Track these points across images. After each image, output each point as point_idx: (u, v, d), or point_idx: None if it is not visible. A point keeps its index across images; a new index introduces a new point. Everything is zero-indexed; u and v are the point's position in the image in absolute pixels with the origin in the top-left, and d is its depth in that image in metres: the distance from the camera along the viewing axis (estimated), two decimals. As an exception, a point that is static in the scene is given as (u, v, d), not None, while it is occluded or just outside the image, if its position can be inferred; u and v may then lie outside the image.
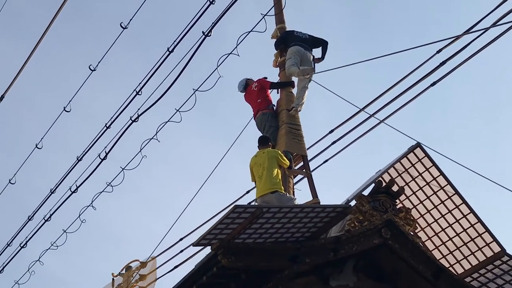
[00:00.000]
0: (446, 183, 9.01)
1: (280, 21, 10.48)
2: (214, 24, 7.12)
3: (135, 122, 8.18)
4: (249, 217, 6.46)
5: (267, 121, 9.66)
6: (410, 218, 7.87)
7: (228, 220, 6.46)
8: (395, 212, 7.69)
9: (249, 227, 6.56)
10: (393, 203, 7.79)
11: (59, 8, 7.71)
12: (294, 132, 9.49)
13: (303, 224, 6.82)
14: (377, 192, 7.76)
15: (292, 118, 9.61)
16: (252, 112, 9.96)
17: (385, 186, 7.87)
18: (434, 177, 9.03)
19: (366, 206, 7.53)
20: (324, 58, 10.13)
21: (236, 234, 6.55)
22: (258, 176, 8.33)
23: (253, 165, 8.48)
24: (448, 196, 9.08)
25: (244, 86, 10.13)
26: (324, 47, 10.15)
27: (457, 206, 9.10)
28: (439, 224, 9.31)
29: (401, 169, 8.99)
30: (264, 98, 9.92)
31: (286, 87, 10.03)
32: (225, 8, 6.85)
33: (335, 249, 6.98)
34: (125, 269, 10.43)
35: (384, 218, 7.36)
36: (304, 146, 9.51)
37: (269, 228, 6.70)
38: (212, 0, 6.93)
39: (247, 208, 6.60)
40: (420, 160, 8.96)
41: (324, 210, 6.79)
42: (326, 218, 6.87)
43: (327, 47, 10.15)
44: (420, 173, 9.05)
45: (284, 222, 6.70)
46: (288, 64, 9.82)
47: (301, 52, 9.89)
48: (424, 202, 9.24)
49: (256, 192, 8.43)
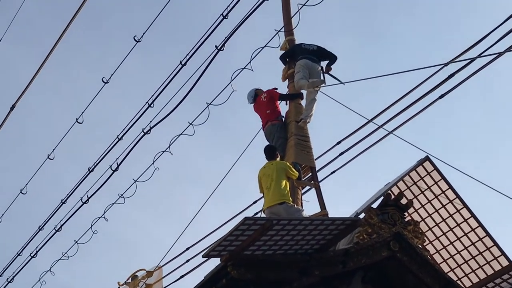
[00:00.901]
0: (454, 196, 9.04)
1: (289, 33, 10.56)
2: (227, 38, 7.20)
3: (147, 134, 8.25)
4: (258, 229, 6.50)
5: (276, 132, 9.70)
6: (418, 231, 7.88)
7: (238, 232, 6.50)
8: (403, 225, 7.70)
9: (258, 239, 6.60)
10: (402, 216, 7.80)
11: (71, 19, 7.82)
12: (302, 143, 9.52)
13: (312, 236, 6.86)
14: (386, 205, 7.78)
15: (301, 129, 9.65)
16: (261, 123, 10.02)
17: (394, 199, 7.89)
18: (443, 190, 9.06)
19: (375, 219, 7.54)
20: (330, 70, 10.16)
21: (245, 246, 6.59)
22: (266, 187, 8.36)
23: (262, 176, 8.51)
24: (457, 210, 9.11)
25: (254, 97, 10.18)
26: (332, 62, 10.19)
27: (466, 220, 9.12)
28: (447, 237, 9.33)
29: (410, 182, 9.02)
30: (273, 109, 9.96)
31: (295, 99, 10.08)
32: (238, 23, 6.95)
33: (344, 262, 7.00)
34: (131, 278, 10.46)
35: (392, 231, 7.37)
36: (312, 157, 9.54)
37: (278, 240, 6.74)
38: (225, 15, 7.00)
39: (257, 220, 6.64)
40: (429, 173, 8.99)
41: (333, 222, 6.83)
42: (335, 231, 6.90)
43: (334, 62, 10.20)
44: (429, 186, 9.08)
45: (294, 234, 6.73)
46: (297, 77, 9.86)
47: (309, 65, 9.93)
48: (432, 215, 9.26)
49: (264, 203, 8.46)
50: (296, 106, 9.99)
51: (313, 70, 9.93)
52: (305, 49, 10.10)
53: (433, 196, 9.17)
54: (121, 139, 8.61)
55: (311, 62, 9.95)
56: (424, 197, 9.19)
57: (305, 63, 9.92)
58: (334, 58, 10.17)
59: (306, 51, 10.06)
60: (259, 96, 10.12)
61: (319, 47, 10.16)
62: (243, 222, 6.43)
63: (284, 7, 10.63)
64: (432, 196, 9.16)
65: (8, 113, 9.63)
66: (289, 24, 10.27)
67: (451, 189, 9.04)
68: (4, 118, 9.95)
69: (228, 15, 7.23)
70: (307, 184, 9.37)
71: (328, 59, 10.18)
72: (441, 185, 9.07)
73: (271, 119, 9.85)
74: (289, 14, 10.49)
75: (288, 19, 10.38)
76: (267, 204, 8.24)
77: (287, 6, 10.60)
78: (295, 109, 9.94)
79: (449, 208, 9.17)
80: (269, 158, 8.72)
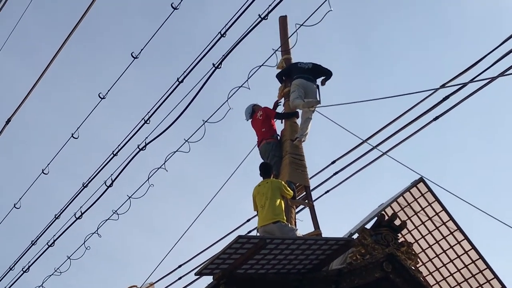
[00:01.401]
0: (448, 218, 9.06)
1: (286, 52, 10.62)
2: (225, 56, 7.23)
3: (142, 151, 8.25)
4: (252, 247, 6.49)
5: (271, 150, 9.71)
6: (411, 252, 7.89)
7: (231, 250, 6.49)
8: (397, 246, 7.71)
9: (252, 258, 6.59)
10: (395, 237, 7.81)
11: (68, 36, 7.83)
12: (297, 162, 9.53)
13: (305, 256, 6.85)
14: (379, 226, 7.79)
15: (296, 148, 9.66)
16: (257, 139, 10.04)
17: (387, 220, 7.90)
18: (437, 212, 9.08)
19: (368, 240, 7.55)
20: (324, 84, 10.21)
21: (238, 264, 6.57)
22: (261, 205, 8.35)
23: (256, 194, 8.51)
24: (450, 232, 9.12)
25: (251, 114, 10.21)
26: (328, 77, 10.23)
27: (459, 242, 9.13)
28: (441, 260, 9.33)
29: (403, 203, 9.03)
30: (268, 127, 9.98)
31: (290, 118, 10.12)
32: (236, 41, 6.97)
33: (336, 282, 6.99)
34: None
35: (386, 252, 7.38)
36: (307, 176, 9.55)
37: (271, 259, 6.73)
38: (223, 33, 7.04)
39: (250, 238, 6.64)
40: (423, 195, 9.02)
41: (327, 242, 6.83)
42: (329, 251, 6.90)
43: (330, 78, 10.24)
44: (422, 207, 9.09)
45: (287, 254, 6.73)
46: (293, 97, 9.88)
47: (305, 84, 9.94)
48: (426, 237, 9.27)
49: (258, 221, 8.44)
50: (291, 125, 10.02)
51: (309, 89, 9.95)
52: (301, 68, 10.13)
53: (426, 218, 9.18)
54: (116, 154, 8.60)
55: (306, 81, 9.97)
56: (418, 219, 9.21)
57: (300, 83, 9.95)
58: (330, 74, 10.22)
59: (302, 70, 10.09)
60: (256, 112, 10.15)
61: (314, 65, 10.18)
62: (237, 240, 6.43)
63: (281, 26, 10.71)
64: (426, 217, 9.18)
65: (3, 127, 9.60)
66: (286, 43, 10.34)
67: (445, 211, 9.06)
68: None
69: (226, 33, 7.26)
70: (301, 203, 9.37)
71: (324, 75, 10.22)
72: (435, 207, 9.09)
73: (266, 137, 9.87)
74: (286, 33, 10.57)
75: (285, 38, 10.45)
76: (261, 222, 8.23)
77: (284, 26, 10.68)
78: (291, 128, 9.97)
79: (442, 230, 9.18)
80: (264, 176, 8.72)
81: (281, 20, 10.71)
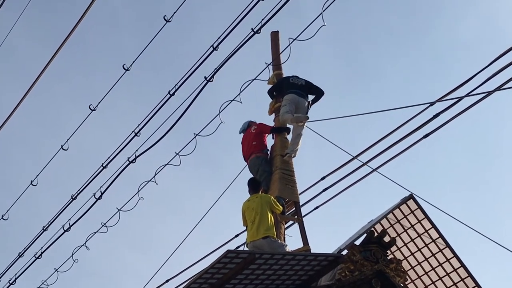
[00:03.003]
0: (437, 235, 9.07)
1: (278, 67, 10.63)
2: (217, 70, 7.24)
3: (132, 163, 8.23)
4: (241, 262, 6.47)
5: (261, 165, 9.67)
6: (400, 269, 7.87)
7: (220, 265, 6.46)
8: (386, 263, 7.69)
9: (240, 273, 6.56)
10: (384, 254, 7.80)
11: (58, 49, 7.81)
12: (287, 178, 9.51)
13: (294, 272, 6.83)
14: (369, 242, 7.77)
15: (286, 163, 9.63)
16: (242, 153, 10.00)
17: (377, 236, 7.89)
18: (426, 229, 9.09)
19: (357, 256, 7.53)
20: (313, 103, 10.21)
21: (227, 280, 6.55)
22: (251, 220, 8.30)
23: (246, 209, 8.46)
24: (439, 249, 9.12)
25: (245, 129, 10.18)
26: (318, 98, 10.22)
27: (448, 260, 9.13)
28: (429, 277, 9.32)
29: (393, 219, 9.03)
30: (259, 141, 9.95)
31: (283, 132, 10.11)
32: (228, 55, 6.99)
33: (325, 298, 6.98)
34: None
35: (375, 269, 7.36)
36: (296, 192, 9.53)
37: (260, 274, 6.71)
38: (215, 47, 7.05)
39: (239, 253, 6.61)
40: (413, 212, 9.02)
41: (316, 258, 6.82)
42: (318, 267, 6.89)
43: (321, 97, 10.23)
44: (412, 224, 9.10)
45: (276, 269, 6.71)
46: (283, 111, 9.88)
47: (296, 99, 9.92)
48: (415, 254, 9.27)
49: (247, 236, 8.40)
50: (282, 140, 10.01)
51: (300, 105, 9.94)
52: (294, 84, 10.11)
53: (416, 235, 9.18)
54: (106, 167, 8.57)
55: (298, 96, 9.96)
56: (407, 236, 9.21)
57: (292, 98, 9.93)
58: (321, 94, 10.20)
59: (295, 86, 10.07)
60: (249, 127, 10.13)
61: (307, 82, 10.17)
62: (225, 255, 6.40)
63: (273, 42, 10.72)
64: (415, 234, 9.18)
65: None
66: (277, 58, 10.35)
67: (434, 228, 9.06)
68: (-13, 143, 9.87)
69: (218, 46, 7.27)
70: (290, 219, 9.34)
71: (316, 94, 10.20)
72: (424, 224, 9.09)
73: (255, 151, 9.83)
74: (277, 48, 10.58)
75: (276, 54, 10.46)
76: (251, 238, 8.18)
77: (276, 41, 10.69)
78: (281, 143, 9.95)
79: (431, 247, 9.19)
80: (253, 191, 8.69)
81: (273, 35, 10.72)
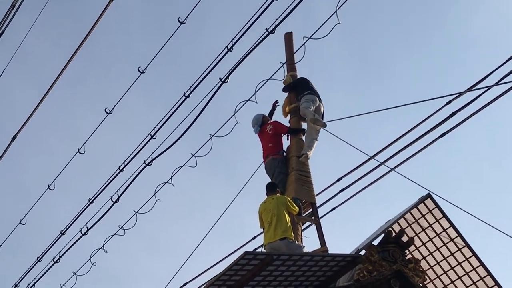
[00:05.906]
0: (456, 234, 9.00)
1: (292, 68, 10.61)
2: (232, 71, 7.22)
3: (148, 166, 8.22)
4: (258, 263, 6.45)
5: (277, 167, 9.66)
6: (419, 269, 7.83)
7: (238, 267, 6.45)
8: (404, 263, 7.66)
9: (258, 274, 6.54)
10: (403, 254, 7.76)
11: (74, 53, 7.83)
12: (303, 179, 9.48)
13: (312, 273, 6.81)
14: (386, 242, 7.74)
15: (302, 165, 9.61)
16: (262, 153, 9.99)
17: (395, 236, 7.86)
18: (444, 228, 9.02)
19: (375, 256, 7.50)
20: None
21: (245, 281, 6.53)
22: (268, 222, 8.29)
23: (262, 211, 8.45)
24: (458, 248, 9.05)
25: (260, 126, 10.15)
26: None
27: (467, 259, 9.06)
28: (449, 276, 9.25)
29: (411, 219, 8.98)
30: (276, 143, 9.93)
31: (299, 133, 10.08)
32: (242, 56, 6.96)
33: (344, 299, 6.95)
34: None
35: (393, 269, 7.33)
36: (313, 193, 9.49)
37: (278, 275, 6.69)
38: (230, 48, 7.03)
39: (257, 254, 6.60)
40: (431, 211, 8.96)
41: (334, 259, 6.79)
42: (336, 267, 6.85)
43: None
44: (430, 224, 9.04)
45: (294, 270, 6.69)
46: (305, 105, 9.81)
47: (317, 102, 9.97)
48: (433, 254, 9.21)
49: (264, 238, 8.38)
50: (297, 141, 9.98)
51: (318, 110, 9.96)
52: (313, 89, 10.13)
53: (434, 234, 9.12)
54: (123, 170, 8.58)
55: (319, 101, 10.00)
56: (426, 235, 9.15)
57: (314, 99, 9.94)
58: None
59: (315, 91, 10.10)
60: (265, 125, 10.10)
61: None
62: (243, 256, 6.39)
63: (287, 43, 10.70)
64: (434, 234, 9.12)
65: (9, 144, 9.61)
66: (291, 58, 10.31)
67: (453, 227, 9.00)
68: (5, 148, 9.94)
69: (233, 47, 7.25)
70: (307, 220, 9.31)
71: None
72: (442, 223, 9.03)
73: (272, 152, 9.82)
74: (291, 49, 10.55)
75: (290, 54, 10.43)
76: (268, 239, 8.16)
77: (290, 42, 10.67)
78: (297, 144, 9.92)
79: (450, 247, 9.12)
80: (270, 193, 8.68)
81: (286, 36, 10.70)
